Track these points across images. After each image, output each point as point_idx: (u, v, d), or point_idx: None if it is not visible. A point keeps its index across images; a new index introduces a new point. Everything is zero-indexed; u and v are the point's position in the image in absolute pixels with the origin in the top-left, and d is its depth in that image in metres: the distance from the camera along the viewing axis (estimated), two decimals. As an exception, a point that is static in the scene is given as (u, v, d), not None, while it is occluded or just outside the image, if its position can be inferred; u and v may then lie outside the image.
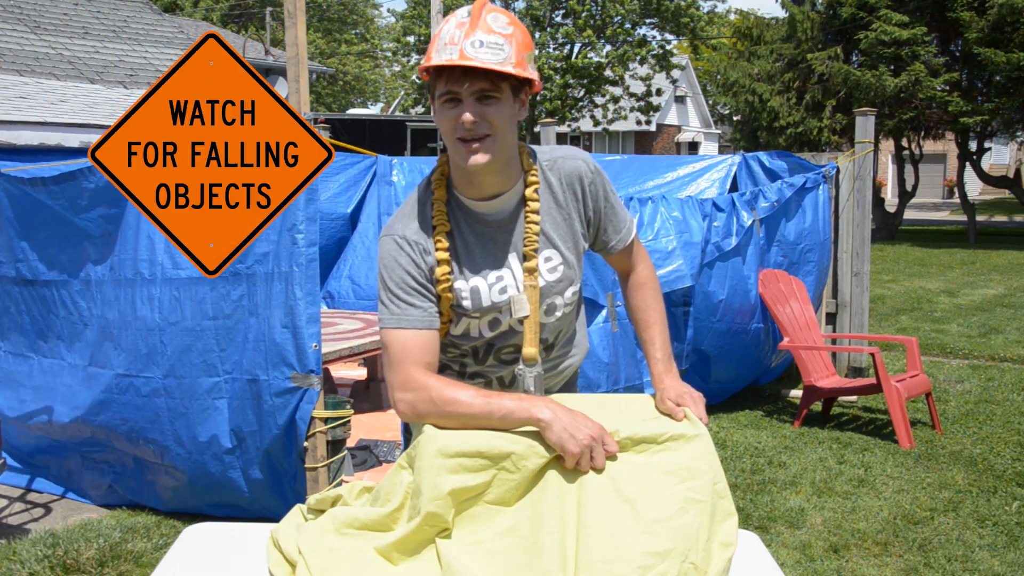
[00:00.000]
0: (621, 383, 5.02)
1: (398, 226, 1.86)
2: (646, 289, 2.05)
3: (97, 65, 10.20)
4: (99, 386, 4.10)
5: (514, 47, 1.72)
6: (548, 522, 1.61)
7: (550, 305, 1.92)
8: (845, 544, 3.84)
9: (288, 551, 1.73)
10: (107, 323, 4.10)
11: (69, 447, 4.36)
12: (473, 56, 1.67)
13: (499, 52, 1.69)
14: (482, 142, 1.73)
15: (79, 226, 4.20)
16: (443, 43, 1.70)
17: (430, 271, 1.83)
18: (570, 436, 1.60)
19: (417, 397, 1.73)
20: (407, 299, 1.81)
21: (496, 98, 1.73)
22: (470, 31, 1.69)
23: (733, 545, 1.65)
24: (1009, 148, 35.37)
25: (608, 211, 1.98)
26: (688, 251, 5.36)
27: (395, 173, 6.81)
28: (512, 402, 1.66)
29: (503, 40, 1.70)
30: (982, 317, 9.66)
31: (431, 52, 1.73)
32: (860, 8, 18.28)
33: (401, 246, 1.83)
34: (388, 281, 1.82)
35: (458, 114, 1.72)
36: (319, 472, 3.76)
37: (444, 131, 1.76)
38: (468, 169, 1.77)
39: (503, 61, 1.70)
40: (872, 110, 6.65)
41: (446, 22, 1.73)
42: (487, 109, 1.72)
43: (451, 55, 1.68)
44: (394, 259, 1.83)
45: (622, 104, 29.17)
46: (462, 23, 1.70)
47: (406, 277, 1.81)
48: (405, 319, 1.80)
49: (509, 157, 1.82)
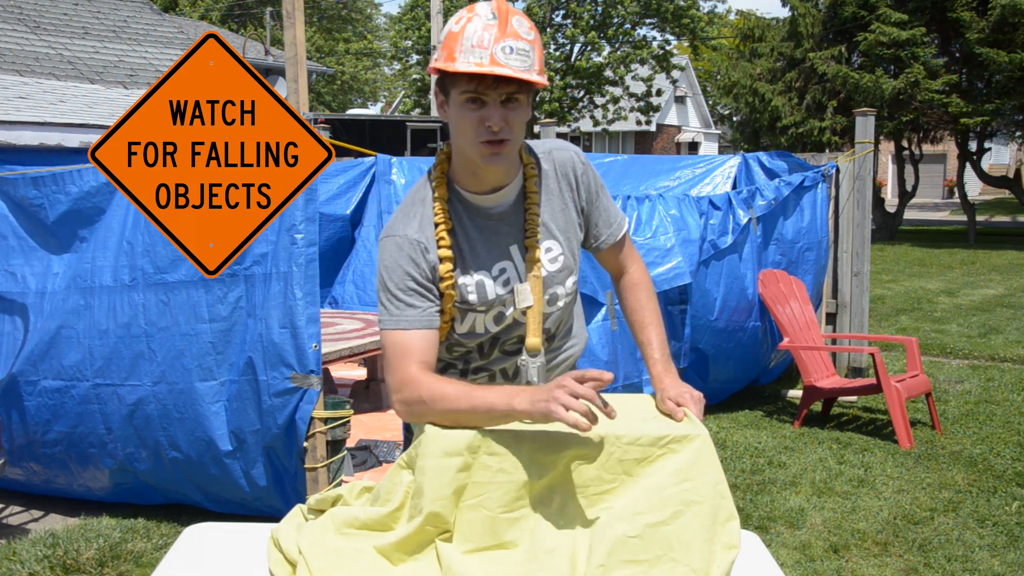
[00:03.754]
0: (620, 381, 5.02)
1: (398, 226, 1.86)
2: (640, 290, 2.06)
3: (97, 65, 10.20)
4: (77, 396, 4.04)
5: (536, 53, 1.74)
6: (549, 535, 1.61)
7: (552, 295, 1.94)
8: (845, 544, 3.84)
9: (288, 551, 1.73)
10: (78, 332, 4.03)
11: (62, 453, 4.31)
12: (504, 63, 1.68)
13: (526, 59, 1.71)
14: (503, 144, 1.75)
15: (53, 232, 4.15)
16: (469, 44, 1.69)
17: (432, 270, 1.83)
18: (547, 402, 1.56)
19: (411, 396, 1.75)
20: (406, 300, 1.81)
21: (519, 102, 1.75)
22: (500, 36, 1.69)
23: (736, 547, 1.65)
24: (1009, 148, 35.37)
25: (599, 204, 2.00)
26: (686, 248, 5.36)
27: (395, 172, 6.81)
28: (494, 396, 1.66)
29: (529, 47, 1.71)
30: (982, 317, 9.66)
31: (454, 52, 1.70)
32: (861, 7, 18.28)
33: (401, 246, 1.83)
34: (388, 282, 1.83)
35: (484, 116, 1.72)
36: (319, 472, 3.76)
37: (463, 129, 1.76)
38: (484, 167, 1.79)
39: (529, 68, 1.71)
40: (872, 110, 6.66)
41: (469, 21, 1.71)
42: (511, 114, 1.74)
43: (481, 59, 1.68)
44: (394, 260, 1.83)
45: (622, 104, 29.18)
46: (489, 25, 1.70)
47: (405, 278, 1.82)
48: (404, 320, 1.81)
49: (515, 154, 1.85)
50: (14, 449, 4.22)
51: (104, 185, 4.04)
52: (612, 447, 1.66)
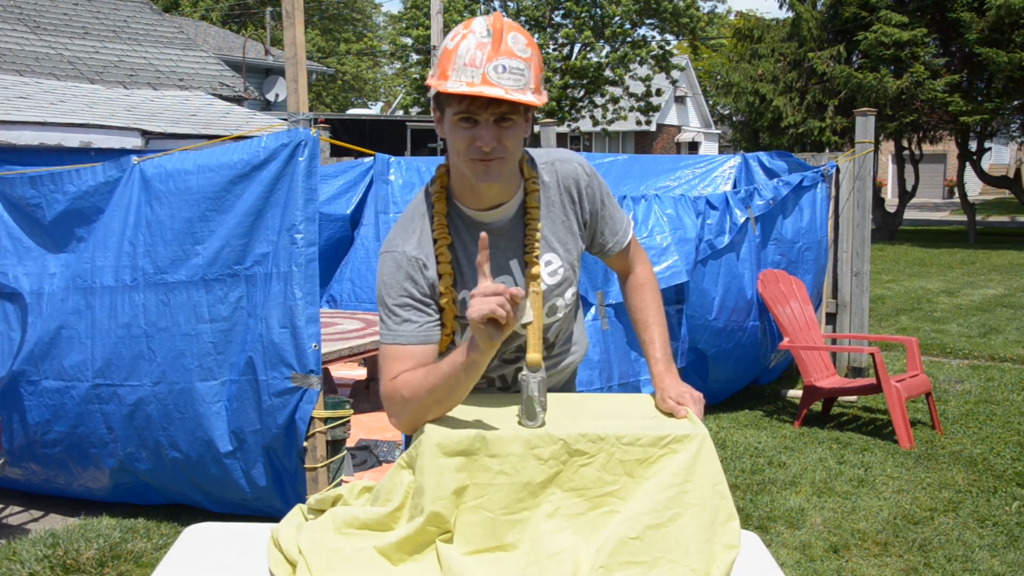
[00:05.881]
0: (615, 380, 5.01)
1: (398, 242, 1.86)
2: (645, 290, 2.06)
3: (97, 65, 10.20)
4: (78, 397, 4.03)
5: (532, 71, 1.71)
6: (550, 537, 1.61)
7: (552, 307, 1.94)
8: (845, 544, 3.84)
9: (288, 551, 1.73)
10: (79, 333, 4.02)
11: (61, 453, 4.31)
12: (496, 82, 1.65)
13: (520, 78, 1.68)
14: (495, 162, 1.74)
15: (52, 232, 4.14)
16: (462, 63, 1.67)
17: (431, 286, 1.84)
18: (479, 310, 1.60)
19: (396, 402, 1.77)
20: (403, 315, 1.82)
21: (513, 121, 1.73)
22: (492, 55, 1.66)
23: (736, 547, 1.65)
24: (1009, 148, 35.35)
25: (604, 213, 1.99)
26: (683, 248, 5.36)
27: (392, 172, 6.81)
28: (452, 355, 1.71)
29: (524, 65, 1.69)
30: (982, 317, 9.66)
31: (447, 70, 1.69)
32: (862, 7, 18.27)
33: (400, 263, 1.83)
34: (386, 297, 1.83)
35: (475, 136, 1.71)
36: (319, 472, 3.76)
37: (456, 148, 1.75)
38: (477, 184, 1.78)
39: (523, 87, 1.68)
40: (872, 110, 6.65)
41: (463, 38, 1.69)
42: (503, 132, 1.72)
43: (472, 78, 1.66)
44: (392, 276, 1.83)
45: (622, 104, 29.17)
46: (483, 43, 1.67)
47: (403, 294, 1.82)
48: (400, 335, 1.81)
49: (513, 170, 1.84)
50: (14, 449, 4.22)
51: (102, 185, 4.03)
52: (613, 448, 1.66)
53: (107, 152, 6.11)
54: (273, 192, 3.76)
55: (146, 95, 9.34)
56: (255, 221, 3.79)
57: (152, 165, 3.96)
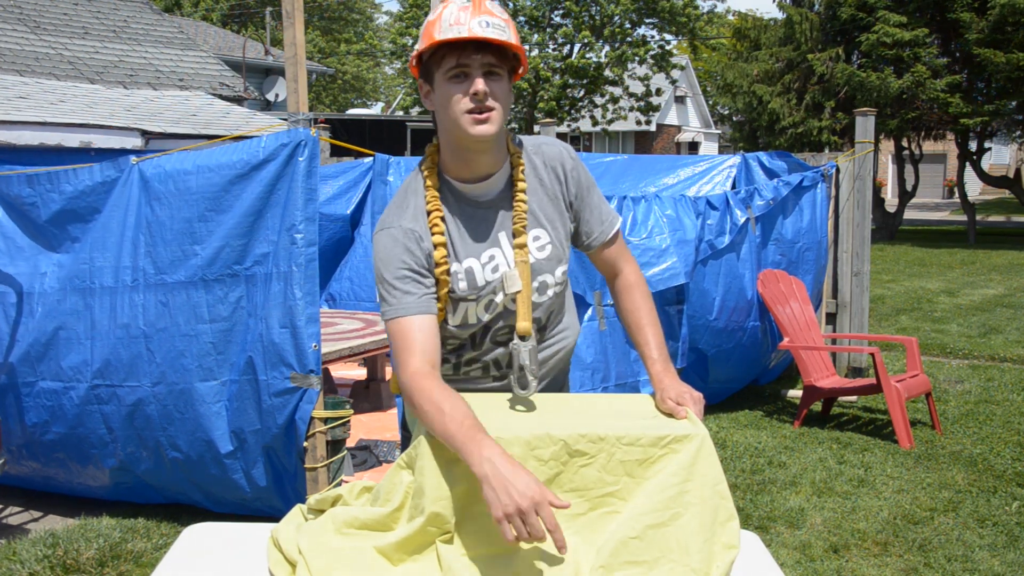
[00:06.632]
0: (612, 381, 5.00)
1: (391, 218, 1.90)
2: (635, 291, 2.07)
3: (97, 65, 10.20)
4: (76, 398, 4.03)
5: (512, 32, 1.84)
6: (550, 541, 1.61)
7: (542, 283, 1.96)
8: (845, 544, 3.84)
9: (288, 551, 1.73)
10: (78, 334, 4.01)
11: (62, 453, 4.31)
12: (482, 33, 1.77)
13: (503, 32, 1.80)
14: (490, 113, 1.81)
15: (47, 232, 4.14)
16: (447, 24, 1.78)
17: (427, 257, 1.87)
18: (497, 498, 1.51)
19: (408, 398, 1.76)
20: (403, 287, 1.84)
21: (500, 75, 1.83)
22: (476, 13, 1.79)
23: (736, 547, 1.65)
24: (1009, 148, 35.34)
25: (590, 201, 2.03)
26: (682, 249, 5.35)
27: (391, 172, 6.82)
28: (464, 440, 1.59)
29: (503, 23, 1.81)
30: (982, 317, 9.66)
31: (434, 34, 1.80)
32: (859, 9, 18.27)
33: (396, 237, 1.86)
34: (384, 272, 1.86)
35: (469, 86, 1.79)
36: (319, 472, 3.76)
37: (449, 104, 1.81)
38: (473, 139, 1.82)
39: (507, 40, 1.81)
40: (872, 110, 6.66)
41: (444, 7, 1.81)
42: (493, 85, 1.81)
43: (460, 32, 1.77)
44: (389, 250, 1.86)
45: (622, 104, 29.16)
46: (464, 7, 1.79)
47: (401, 266, 1.85)
48: (402, 307, 1.83)
49: (502, 135, 1.90)
50: (13, 450, 4.22)
51: (100, 185, 4.02)
52: (613, 448, 1.66)
53: (107, 152, 6.11)
54: (273, 192, 3.76)
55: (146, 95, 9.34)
56: (255, 221, 3.78)
57: (151, 165, 3.96)
